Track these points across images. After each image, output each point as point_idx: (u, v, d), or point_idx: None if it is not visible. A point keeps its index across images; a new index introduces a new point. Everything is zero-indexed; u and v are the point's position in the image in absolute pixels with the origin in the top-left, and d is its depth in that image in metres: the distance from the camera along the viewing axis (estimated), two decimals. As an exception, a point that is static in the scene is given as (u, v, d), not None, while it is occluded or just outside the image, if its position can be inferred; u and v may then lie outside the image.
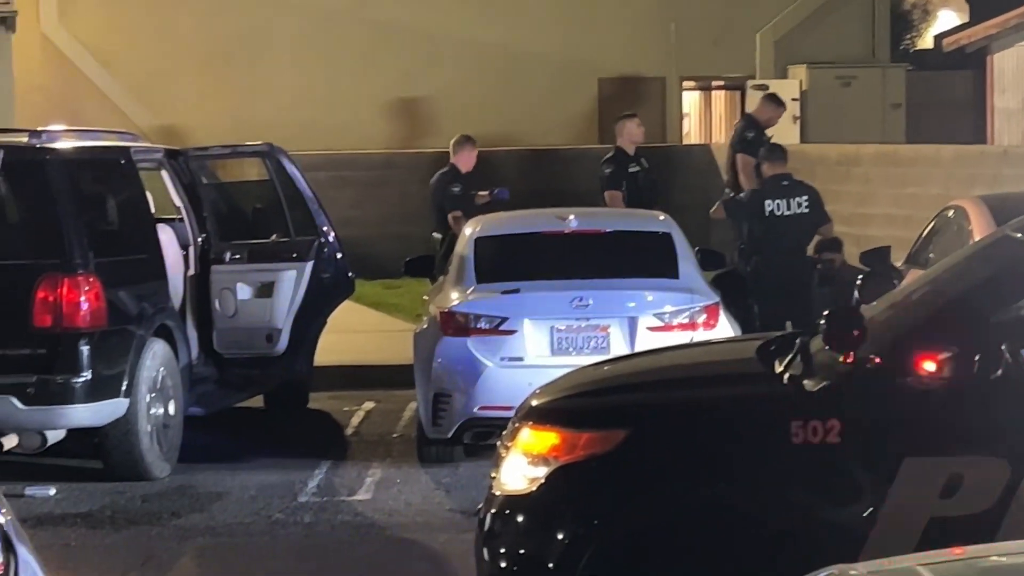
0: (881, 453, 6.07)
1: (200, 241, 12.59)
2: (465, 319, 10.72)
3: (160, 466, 10.94)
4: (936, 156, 18.22)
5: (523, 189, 20.85)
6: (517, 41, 25.07)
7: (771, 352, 6.66)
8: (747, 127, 15.53)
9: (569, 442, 6.39)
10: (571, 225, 11.55)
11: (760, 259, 13.86)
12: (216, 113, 23.81)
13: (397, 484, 10.68)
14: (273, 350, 12.43)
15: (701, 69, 26.11)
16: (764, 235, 13.83)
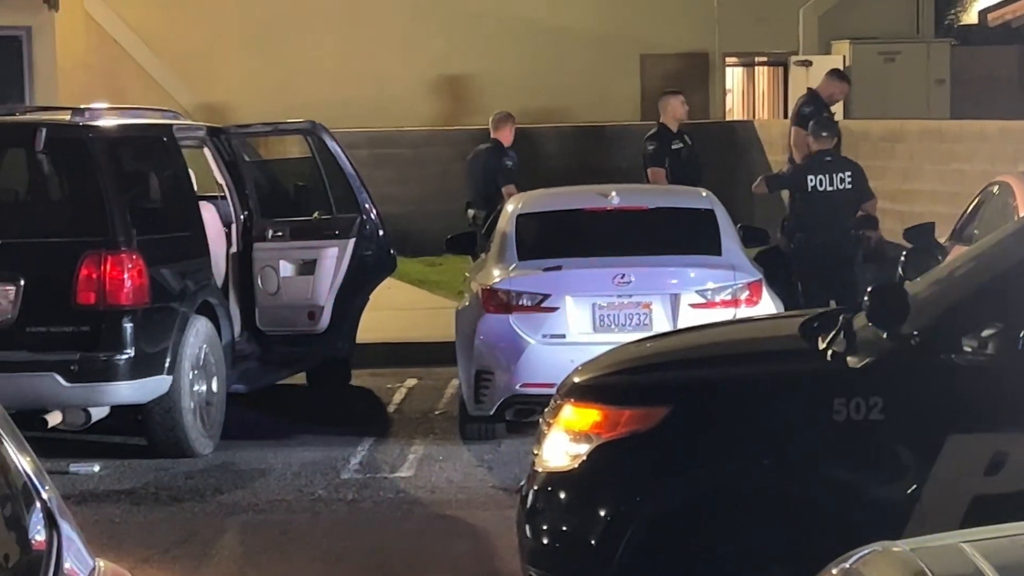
0: (924, 430, 6.03)
1: (242, 219, 12.62)
2: (507, 296, 10.71)
3: (203, 443, 10.98)
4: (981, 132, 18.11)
5: (565, 166, 20.90)
6: (560, 18, 25.01)
7: (814, 329, 6.63)
8: (806, 102, 15.40)
9: (611, 419, 6.38)
10: (613, 202, 11.52)
11: (803, 235, 13.80)
12: (258, 91, 23.84)
13: (439, 461, 10.69)
14: (315, 327, 12.45)
15: (744, 45, 26.00)
16: (807, 211, 13.78)
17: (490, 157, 15.31)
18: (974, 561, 3.71)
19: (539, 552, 6.57)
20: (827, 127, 14.12)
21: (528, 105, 24.28)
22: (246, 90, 23.94)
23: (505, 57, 24.76)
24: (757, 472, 6.20)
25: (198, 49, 24.40)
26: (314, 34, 24.63)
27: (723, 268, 10.85)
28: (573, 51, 25.04)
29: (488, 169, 15.23)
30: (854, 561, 3.99)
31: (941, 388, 6.07)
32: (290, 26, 24.59)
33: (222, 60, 24.42)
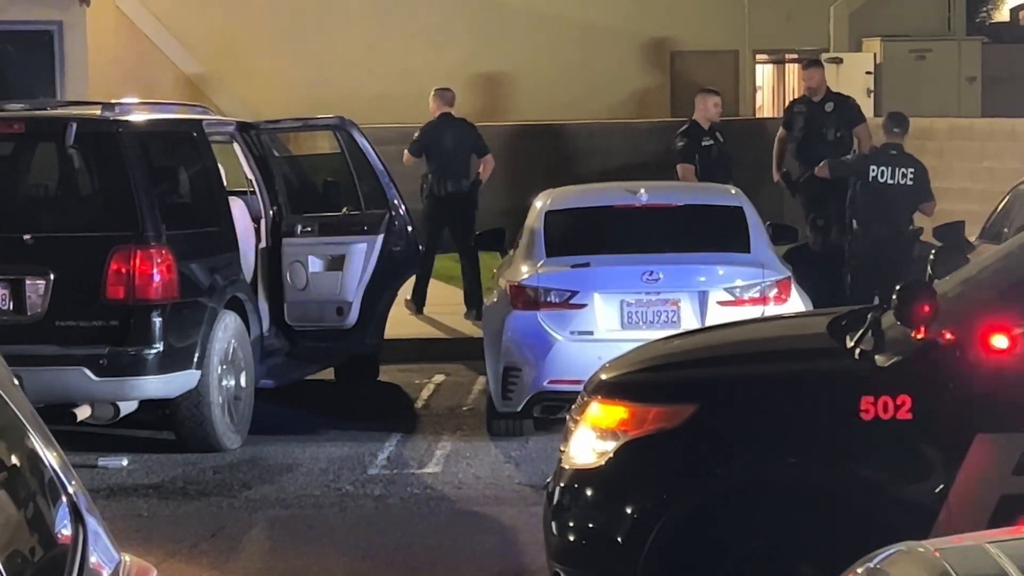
0: (952, 429, 6.01)
1: (271, 214, 12.64)
2: (535, 293, 10.71)
3: (231, 438, 11.00)
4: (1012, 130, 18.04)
5: (594, 163, 20.89)
6: (589, 14, 24.98)
7: (842, 327, 6.61)
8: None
9: (638, 416, 6.38)
10: (642, 199, 11.51)
11: (860, 227, 13.81)
12: (289, 86, 23.87)
13: (466, 457, 10.70)
14: (344, 323, 12.47)
15: (774, 42, 25.94)
16: (865, 201, 13.78)
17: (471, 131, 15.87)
18: (999, 562, 3.70)
19: (565, 549, 6.57)
20: (899, 123, 14.14)
21: (558, 101, 24.29)
22: (277, 85, 23.96)
23: (535, 53, 24.74)
24: (783, 470, 6.19)
25: (228, 44, 24.43)
26: (344, 29, 24.64)
27: (752, 265, 10.83)
28: (603, 48, 25.01)
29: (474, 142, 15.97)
30: (879, 561, 3.98)
31: (969, 387, 6.05)
32: (320, 21, 24.61)
33: (252, 55, 24.45)
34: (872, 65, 25.25)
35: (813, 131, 15.88)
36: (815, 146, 15.77)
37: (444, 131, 15.97)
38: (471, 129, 16.23)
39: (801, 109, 16.14)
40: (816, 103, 16.03)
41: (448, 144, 15.86)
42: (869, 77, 25.06)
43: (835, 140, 15.73)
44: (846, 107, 16.09)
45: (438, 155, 15.84)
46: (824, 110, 15.92)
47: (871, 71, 25.15)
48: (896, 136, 13.99)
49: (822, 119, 15.88)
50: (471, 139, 16.15)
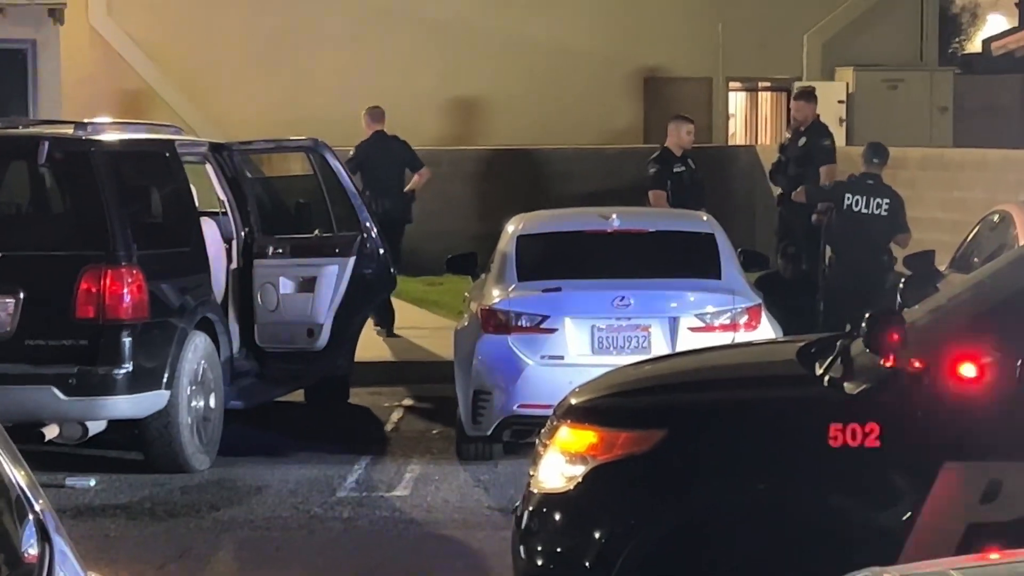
0: (920, 457, 6.03)
1: (243, 235, 12.62)
2: (506, 317, 10.71)
3: (200, 459, 10.97)
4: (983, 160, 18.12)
5: (567, 188, 20.91)
6: (564, 40, 25.04)
7: (812, 354, 6.63)
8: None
9: (607, 441, 6.38)
10: (614, 224, 11.53)
11: (835, 256, 13.88)
12: (262, 107, 23.86)
13: (435, 481, 10.69)
14: (314, 345, 12.44)
15: (748, 70, 26.04)
16: (840, 229, 13.85)
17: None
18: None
19: (533, 573, 6.56)
20: (879, 153, 14.22)
21: (530, 126, 24.33)
22: (250, 106, 23.96)
23: (509, 78, 24.79)
24: (752, 496, 6.20)
25: (202, 64, 24.43)
26: (318, 52, 24.66)
27: (723, 292, 10.86)
28: (576, 73, 25.07)
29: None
30: (846, 587, 3.99)
31: (937, 416, 6.07)
32: (295, 43, 24.62)
33: (226, 76, 24.45)
34: (844, 94, 25.36)
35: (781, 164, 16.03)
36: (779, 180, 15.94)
37: (378, 149, 16.26)
38: (404, 146, 16.63)
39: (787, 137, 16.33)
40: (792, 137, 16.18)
41: (382, 161, 16.12)
42: (841, 106, 25.17)
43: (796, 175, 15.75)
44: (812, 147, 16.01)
45: (373, 173, 16.04)
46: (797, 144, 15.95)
47: (843, 100, 25.26)
48: (875, 167, 14.06)
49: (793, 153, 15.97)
50: (405, 156, 16.51)
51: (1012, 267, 6.85)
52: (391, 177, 16.21)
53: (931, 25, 26.60)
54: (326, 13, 24.71)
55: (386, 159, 16.23)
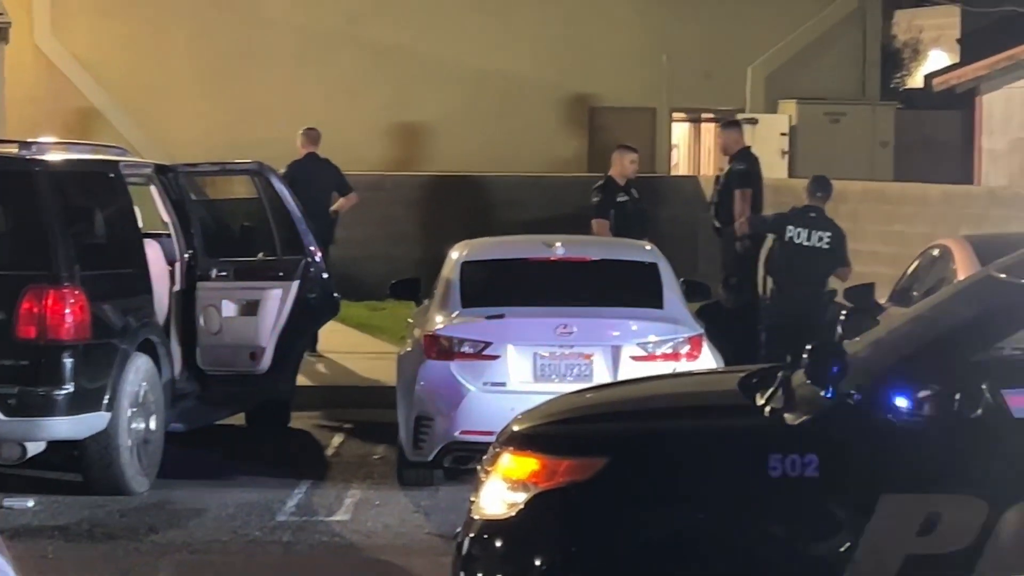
0: (859, 489, 6.08)
1: (187, 257, 12.61)
2: (449, 343, 10.73)
3: (139, 481, 10.94)
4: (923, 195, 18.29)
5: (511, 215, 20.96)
6: (510, 68, 25.12)
7: (753, 385, 6.68)
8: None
9: (549, 468, 6.40)
10: (557, 252, 11.58)
11: (775, 287, 13.95)
12: (208, 130, 23.82)
13: (376, 506, 10.68)
14: (256, 368, 12.43)
15: (692, 101, 26.19)
16: (781, 261, 13.93)
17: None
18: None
19: (473, 600, 6.56)
20: (822, 187, 14.32)
21: (475, 153, 24.39)
22: (196, 129, 23.91)
23: (454, 104, 24.85)
24: (693, 525, 6.23)
25: (147, 86, 24.37)
26: (264, 74, 24.64)
27: (665, 321, 10.91)
28: (522, 101, 25.15)
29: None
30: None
31: (876, 448, 6.12)
32: (241, 66, 24.60)
33: (171, 97, 24.39)
34: (787, 127, 25.54)
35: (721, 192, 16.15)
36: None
37: (308, 170, 16.37)
38: (333, 168, 16.77)
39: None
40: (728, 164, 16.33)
41: (311, 183, 16.19)
42: (784, 138, 25.35)
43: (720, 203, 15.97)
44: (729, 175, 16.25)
45: (301, 193, 16.07)
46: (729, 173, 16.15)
47: (786, 133, 25.44)
48: (818, 200, 14.17)
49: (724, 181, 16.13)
50: (334, 178, 16.67)
51: (951, 302, 6.93)
52: (319, 199, 16.28)
53: (873, 60, 26.84)
54: (272, 36, 24.71)
55: (315, 181, 16.35)
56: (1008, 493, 5.99)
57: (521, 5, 25.22)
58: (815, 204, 14.16)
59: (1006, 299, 6.44)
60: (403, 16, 24.95)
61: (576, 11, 25.36)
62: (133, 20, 24.46)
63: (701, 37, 25.64)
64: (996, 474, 6.03)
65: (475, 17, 25.11)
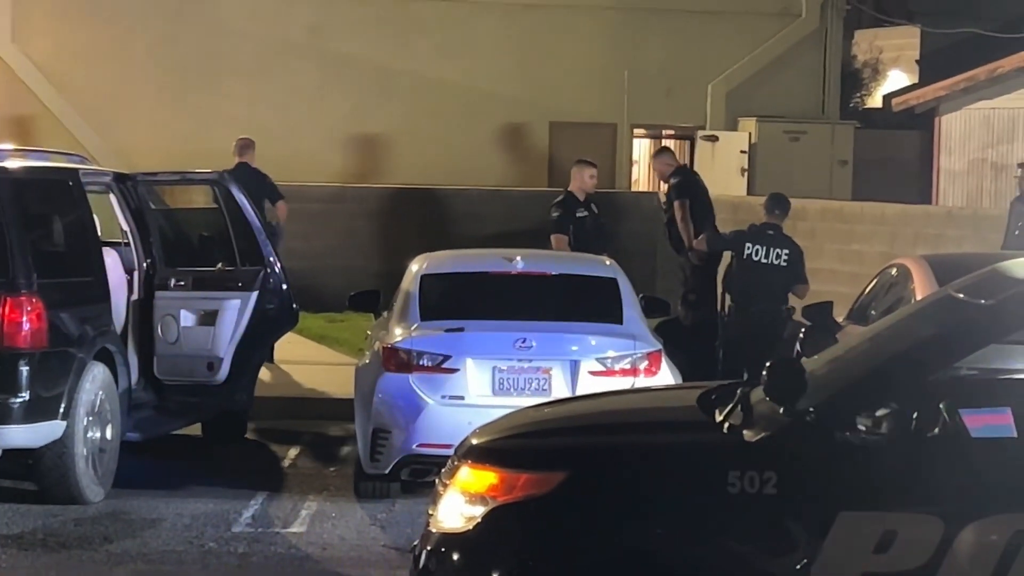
0: (816, 506, 6.10)
1: (145, 266, 12.57)
2: (408, 355, 10.72)
3: (94, 490, 10.88)
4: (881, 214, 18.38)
5: (471, 229, 20.97)
6: (471, 81, 25.14)
7: (712, 401, 6.69)
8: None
9: (508, 482, 6.40)
10: (518, 266, 11.59)
11: (734, 304, 14.00)
12: (168, 139, 23.76)
13: (332, 518, 10.66)
14: (214, 378, 12.40)
15: (652, 117, 26.26)
16: (739, 278, 13.98)
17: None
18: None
19: (430, 613, 6.55)
20: (780, 204, 14.39)
21: (436, 166, 24.39)
22: (156, 138, 23.85)
23: (416, 117, 24.85)
24: (651, 540, 6.24)
25: (107, 94, 24.29)
26: (225, 84, 24.60)
27: (624, 337, 10.93)
28: (483, 114, 25.17)
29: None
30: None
31: (834, 465, 6.14)
32: (201, 75, 24.54)
33: (131, 106, 24.32)
34: (747, 144, 25.63)
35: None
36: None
37: (240, 180, 16.27)
38: (265, 178, 16.82)
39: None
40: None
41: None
42: (744, 156, 25.43)
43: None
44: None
45: None
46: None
47: (746, 150, 25.53)
48: (776, 217, 14.24)
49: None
50: (266, 187, 16.66)
51: (910, 321, 6.96)
52: None
53: (833, 79, 26.96)
54: (233, 46, 24.66)
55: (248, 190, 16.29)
56: (964, 511, 6.03)
57: (483, 18, 25.25)
58: (773, 222, 14.22)
59: (964, 319, 6.47)
60: (364, 28, 24.95)
61: (538, 26, 25.41)
62: (94, 28, 24.38)
63: (662, 54, 25.71)
64: (953, 493, 6.06)
65: (437, 30, 25.13)
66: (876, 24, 36.35)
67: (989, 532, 6.01)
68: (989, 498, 6.04)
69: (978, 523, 6.01)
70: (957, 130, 24.91)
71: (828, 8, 26.55)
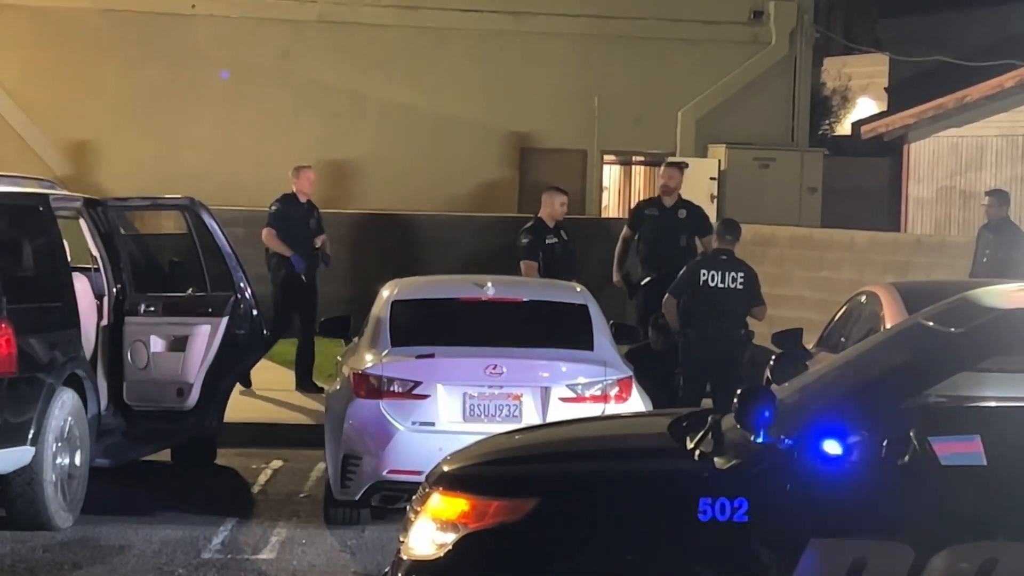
0: (787, 533, 6.11)
1: (115, 292, 12.54)
2: (378, 382, 10.72)
3: (63, 516, 10.84)
4: (850, 241, 18.45)
5: (442, 254, 20.98)
6: (442, 107, 25.17)
7: (683, 428, 6.70)
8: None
9: (479, 509, 6.40)
10: (488, 292, 11.59)
11: (693, 331, 14.02)
12: (138, 164, 23.72)
13: (302, 544, 10.63)
14: (183, 404, 12.38)
15: (622, 144, 26.32)
16: (697, 305, 14.01)
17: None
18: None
19: (401, 640, 6.54)
20: (731, 230, 14.43)
21: (406, 191, 24.40)
22: (126, 163, 23.80)
23: (386, 143, 24.86)
24: (622, 568, 6.24)
25: (76, 118, 24.24)
26: (196, 110, 24.57)
27: (594, 363, 10.94)
28: (454, 140, 25.20)
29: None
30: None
31: (805, 493, 6.16)
32: (172, 101, 24.51)
33: (101, 131, 24.27)
34: (717, 171, 25.70)
35: (664, 236, 16.09)
36: (667, 251, 15.99)
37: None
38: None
39: (653, 212, 16.36)
40: (669, 208, 16.27)
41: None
42: (713, 183, 25.50)
43: (685, 247, 16.00)
44: (698, 216, 16.38)
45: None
46: (678, 216, 16.18)
47: (715, 177, 25.59)
48: (728, 243, 14.29)
49: (675, 224, 16.12)
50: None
51: (880, 348, 6.98)
52: None
53: (803, 106, 27.07)
54: (203, 71, 24.64)
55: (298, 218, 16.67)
56: (935, 539, 6.05)
57: (453, 44, 25.29)
58: (725, 247, 14.28)
59: (934, 347, 6.50)
60: (334, 53, 24.96)
61: (508, 52, 25.46)
62: (63, 53, 24.33)
63: (632, 80, 25.78)
64: (923, 520, 6.08)
65: (407, 55, 25.16)
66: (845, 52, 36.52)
67: (959, 560, 6.03)
68: (959, 526, 6.06)
69: (948, 551, 6.03)
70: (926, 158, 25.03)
71: (798, 36, 26.66)
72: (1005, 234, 16.25)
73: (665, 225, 16.10)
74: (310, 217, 16.93)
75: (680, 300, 14.24)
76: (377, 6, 25.00)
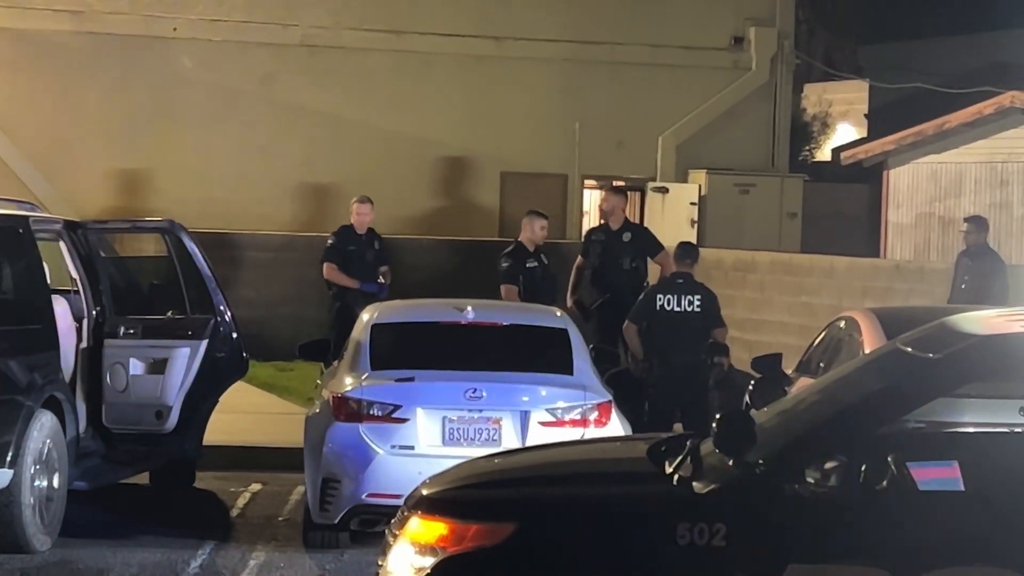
0: (765, 559, 6.11)
1: (95, 314, 12.53)
2: (358, 405, 10.71)
3: (41, 539, 10.81)
4: (830, 267, 18.49)
5: (422, 278, 20.97)
6: (423, 131, 25.20)
7: (662, 452, 6.71)
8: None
9: (458, 533, 6.40)
10: (468, 316, 11.60)
11: (656, 356, 14.02)
12: (119, 187, 23.71)
13: (281, 568, 10.61)
14: (162, 427, 12.36)
15: (603, 168, 26.36)
16: (657, 330, 14.03)
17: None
18: None
19: (379, 664, 6.53)
20: (689, 253, 14.46)
21: (388, 216, 24.37)
22: (106, 185, 23.79)
23: (367, 166, 24.86)
24: (600, 593, 6.24)
25: (57, 140, 24.22)
26: (177, 132, 24.56)
27: (574, 388, 10.95)
28: (434, 164, 25.23)
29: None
30: None
31: (783, 518, 6.16)
32: (154, 124, 24.50)
33: (82, 153, 24.25)
34: (697, 196, 25.76)
35: (610, 259, 16.13)
36: (611, 274, 16.02)
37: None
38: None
39: (599, 237, 16.41)
40: (614, 231, 16.30)
41: None
42: (694, 208, 25.56)
43: (630, 269, 16.03)
44: (642, 237, 16.41)
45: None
46: (622, 239, 16.19)
47: (695, 202, 25.65)
48: (686, 266, 14.34)
49: (619, 248, 16.14)
50: None
51: (859, 374, 6.99)
52: None
53: (783, 132, 27.16)
54: (184, 94, 24.64)
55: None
56: (912, 565, 6.05)
57: (435, 69, 25.33)
58: (683, 270, 14.33)
59: (913, 373, 6.51)
60: (316, 77, 24.98)
61: (489, 77, 25.50)
62: (44, 75, 24.32)
63: (613, 105, 25.84)
64: (901, 545, 6.09)
65: (388, 79, 25.19)
66: (825, 78, 36.65)
67: (937, 585, 6.04)
68: (937, 551, 6.07)
69: (925, 576, 6.04)
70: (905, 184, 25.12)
71: (778, 62, 26.76)
72: (984, 261, 16.31)
73: (611, 249, 16.14)
74: (368, 248, 16.72)
75: (640, 325, 14.26)
76: (359, 30, 25.03)
